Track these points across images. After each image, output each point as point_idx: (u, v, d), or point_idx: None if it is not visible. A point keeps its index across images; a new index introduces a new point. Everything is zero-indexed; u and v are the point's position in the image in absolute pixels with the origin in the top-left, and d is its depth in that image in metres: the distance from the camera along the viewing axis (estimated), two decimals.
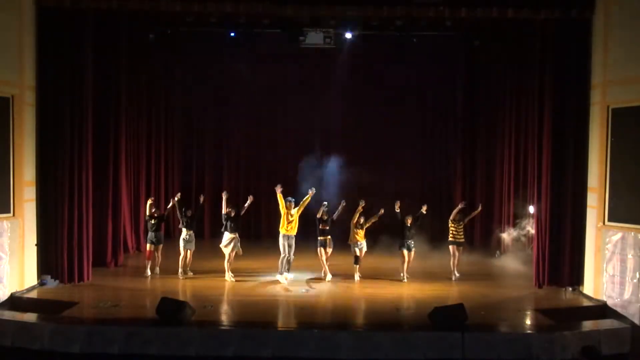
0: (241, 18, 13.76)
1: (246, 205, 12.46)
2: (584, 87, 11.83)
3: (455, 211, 12.87)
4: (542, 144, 12.18)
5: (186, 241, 12.78)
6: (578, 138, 11.88)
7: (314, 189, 12.40)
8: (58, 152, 11.74)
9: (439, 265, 13.07)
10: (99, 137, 12.97)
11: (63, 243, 11.80)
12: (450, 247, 12.78)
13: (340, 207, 12.55)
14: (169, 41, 16.22)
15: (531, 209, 13.43)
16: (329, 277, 12.59)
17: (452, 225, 12.78)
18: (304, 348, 9.01)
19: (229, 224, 12.39)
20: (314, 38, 14.43)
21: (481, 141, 16.86)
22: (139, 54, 15.53)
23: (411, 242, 12.55)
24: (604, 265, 11.21)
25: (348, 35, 14.52)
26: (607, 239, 11.16)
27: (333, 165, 15.50)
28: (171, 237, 15.70)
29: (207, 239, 16.75)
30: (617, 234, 10.96)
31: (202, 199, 13.29)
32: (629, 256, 10.69)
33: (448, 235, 12.84)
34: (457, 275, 12.76)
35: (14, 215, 11.26)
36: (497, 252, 15.06)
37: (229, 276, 12.46)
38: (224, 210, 12.47)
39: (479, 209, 13.43)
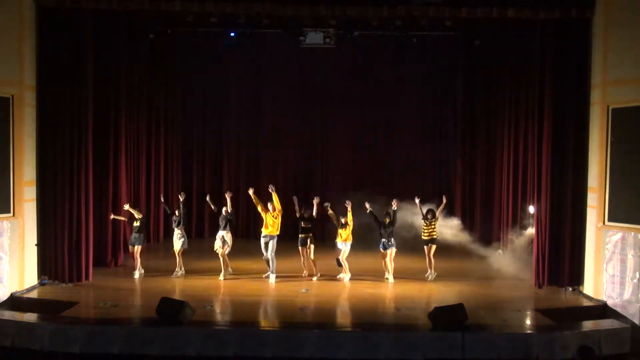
0: (241, 18, 13.77)
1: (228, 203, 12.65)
2: (584, 87, 11.83)
3: (422, 211, 12.79)
4: (542, 144, 12.18)
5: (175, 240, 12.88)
6: (578, 138, 11.88)
7: (272, 185, 12.43)
8: (58, 152, 11.74)
9: (439, 266, 13.04)
10: (99, 137, 12.95)
11: (63, 243, 11.80)
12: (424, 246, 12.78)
13: (314, 204, 12.47)
14: (169, 41, 16.23)
15: (531, 209, 13.43)
16: (313, 275, 12.64)
17: (423, 223, 12.75)
18: (304, 348, 9.01)
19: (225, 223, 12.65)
20: (314, 38, 14.45)
21: (481, 141, 16.85)
22: (139, 54, 15.53)
23: (388, 242, 12.46)
24: (604, 265, 11.21)
25: (348, 36, 14.52)
26: (607, 239, 11.16)
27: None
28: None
29: (207, 239, 16.74)
30: (617, 234, 10.96)
31: (182, 196, 13.00)
32: (629, 256, 10.69)
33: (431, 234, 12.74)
34: (430, 274, 12.74)
35: (14, 215, 11.26)
36: (498, 251, 15.05)
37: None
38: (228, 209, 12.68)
39: (444, 201, 13.20)
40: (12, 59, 11.23)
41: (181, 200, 12.85)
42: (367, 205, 12.46)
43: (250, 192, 12.51)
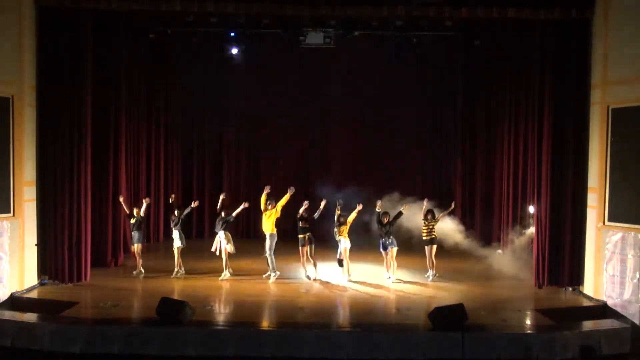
0: (241, 18, 13.76)
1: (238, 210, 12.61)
2: (584, 87, 11.83)
3: (422, 211, 12.76)
4: (542, 144, 12.18)
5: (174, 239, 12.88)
6: (578, 138, 11.88)
7: (293, 188, 12.42)
8: (58, 152, 11.74)
9: (439, 266, 13.03)
10: (99, 137, 12.97)
11: (63, 243, 11.79)
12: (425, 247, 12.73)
13: (321, 207, 12.51)
14: (169, 41, 16.22)
15: (531, 209, 13.42)
16: (312, 275, 12.57)
17: (422, 224, 12.74)
18: (304, 348, 9.01)
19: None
20: (314, 38, 14.46)
21: (481, 141, 16.84)
22: (139, 54, 15.53)
23: (387, 241, 12.45)
24: (604, 265, 11.21)
25: (348, 36, 14.51)
26: (607, 239, 11.16)
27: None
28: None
29: (207, 239, 16.73)
30: (617, 234, 10.96)
31: (195, 203, 13.11)
32: (629, 256, 10.69)
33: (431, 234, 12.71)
34: (431, 275, 12.68)
35: (14, 215, 11.26)
36: (498, 251, 15.05)
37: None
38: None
39: (452, 206, 13.24)
40: (12, 59, 11.23)
41: (192, 206, 12.94)
42: (378, 205, 12.49)
43: (267, 190, 12.47)
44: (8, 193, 11.18)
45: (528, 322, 10.32)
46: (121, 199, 13.16)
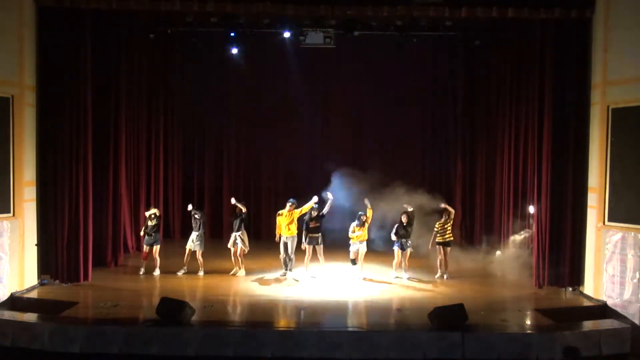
0: (241, 18, 13.76)
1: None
2: (584, 87, 11.83)
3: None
4: (542, 144, 12.18)
5: (193, 241, 13.04)
6: (578, 138, 11.88)
7: (316, 197, 12.65)
8: (58, 152, 11.74)
9: (438, 265, 13.06)
10: (99, 137, 12.95)
11: (63, 243, 11.79)
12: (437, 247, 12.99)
13: (329, 202, 12.66)
14: (169, 41, 16.22)
15: (531, 209, 13.42)
16: (319, 275, 12.67)
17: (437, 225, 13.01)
18: (304, 348, 9.02)
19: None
20: (314, 38, 14.42)
21: (481, 141, 16.83)
22: (139, 54, 15.53)
23: (406, 242, 12.63)
24: (604, 265, 11.21)
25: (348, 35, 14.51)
26: (607, 239, 11.16)
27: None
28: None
29: (207, 239, 16.70)
30: (617, 234, 10.96)
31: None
32: (629, 256, 10.69)
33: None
34: (440, 274, 12.91)
35: (14, 215, 11.26)
36: (498, 251, 15.03)
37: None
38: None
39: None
40: (12, 59, 11.22)
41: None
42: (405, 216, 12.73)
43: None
44: (8, 193, 11.17)
45: (528, 322, 10.32)
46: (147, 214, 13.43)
